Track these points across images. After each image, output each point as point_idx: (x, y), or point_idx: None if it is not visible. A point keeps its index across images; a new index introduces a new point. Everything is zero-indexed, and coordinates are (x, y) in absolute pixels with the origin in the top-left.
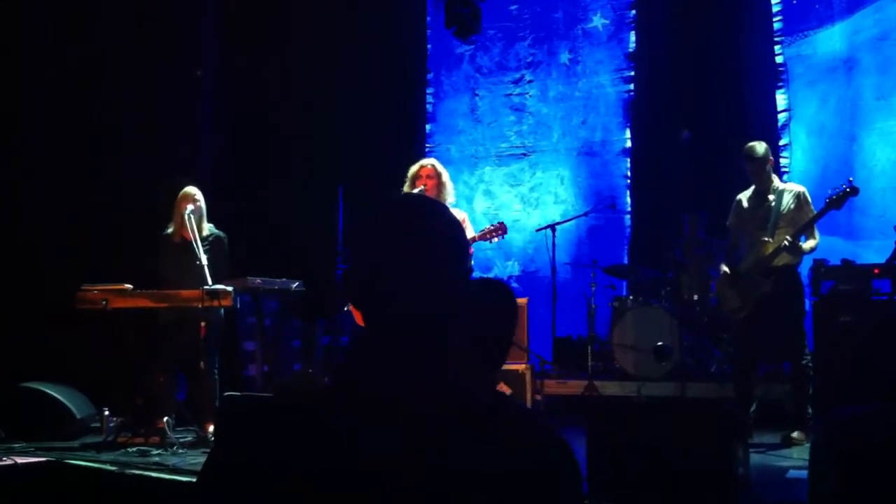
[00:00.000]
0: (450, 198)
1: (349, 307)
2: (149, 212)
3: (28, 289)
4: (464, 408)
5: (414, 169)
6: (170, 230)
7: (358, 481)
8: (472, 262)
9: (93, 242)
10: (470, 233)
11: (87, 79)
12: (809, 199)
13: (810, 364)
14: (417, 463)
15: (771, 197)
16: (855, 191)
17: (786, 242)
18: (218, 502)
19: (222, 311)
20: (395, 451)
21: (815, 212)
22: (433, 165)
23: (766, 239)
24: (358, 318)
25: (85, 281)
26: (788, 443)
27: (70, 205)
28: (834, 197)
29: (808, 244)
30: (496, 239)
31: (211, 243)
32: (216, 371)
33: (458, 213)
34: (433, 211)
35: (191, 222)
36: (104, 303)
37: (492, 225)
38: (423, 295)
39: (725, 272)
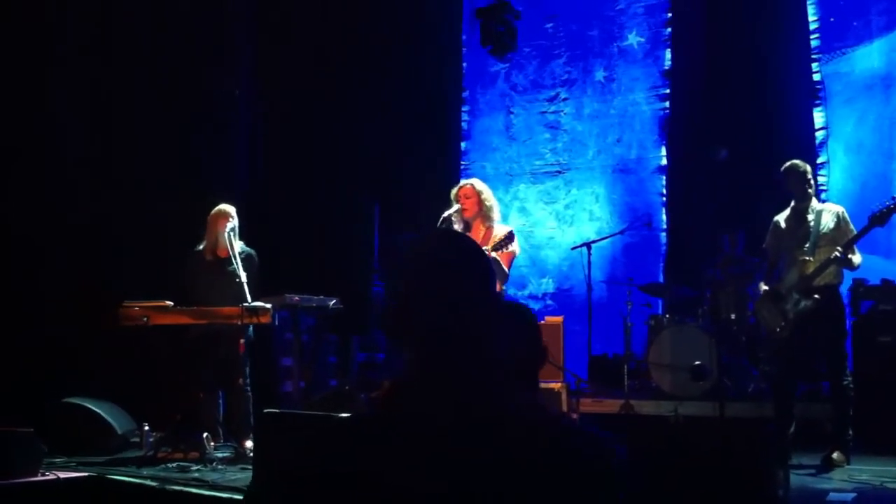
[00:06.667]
0: (494, 215)
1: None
2: (186, 229)
3: (69, 306)
4: (500, 427)
5: (455, 190)
6: (201, 247)
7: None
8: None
9: (129, 259)
10: (516, 247)
11: (121, 95)
12: (848, 218)
13: (851, 385)
14: (454, 482)
15: (809, 217)
16: None
17: (837, 254)
18: None
19: (251, 326)
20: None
21: (856, 230)
22: (472, 185)
23: (808, 258)
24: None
25: (125, 297)
26: (829, 464)
27: (106, 223)
28: (877, 213)
29: (856, 258)
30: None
31: (244, 260)
32: (249, 387)
33: (503, 228)
34: (454, 247)
35: (230, 240)
36: (145, 319)
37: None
38: (449, 323)
39: (766, 291)
